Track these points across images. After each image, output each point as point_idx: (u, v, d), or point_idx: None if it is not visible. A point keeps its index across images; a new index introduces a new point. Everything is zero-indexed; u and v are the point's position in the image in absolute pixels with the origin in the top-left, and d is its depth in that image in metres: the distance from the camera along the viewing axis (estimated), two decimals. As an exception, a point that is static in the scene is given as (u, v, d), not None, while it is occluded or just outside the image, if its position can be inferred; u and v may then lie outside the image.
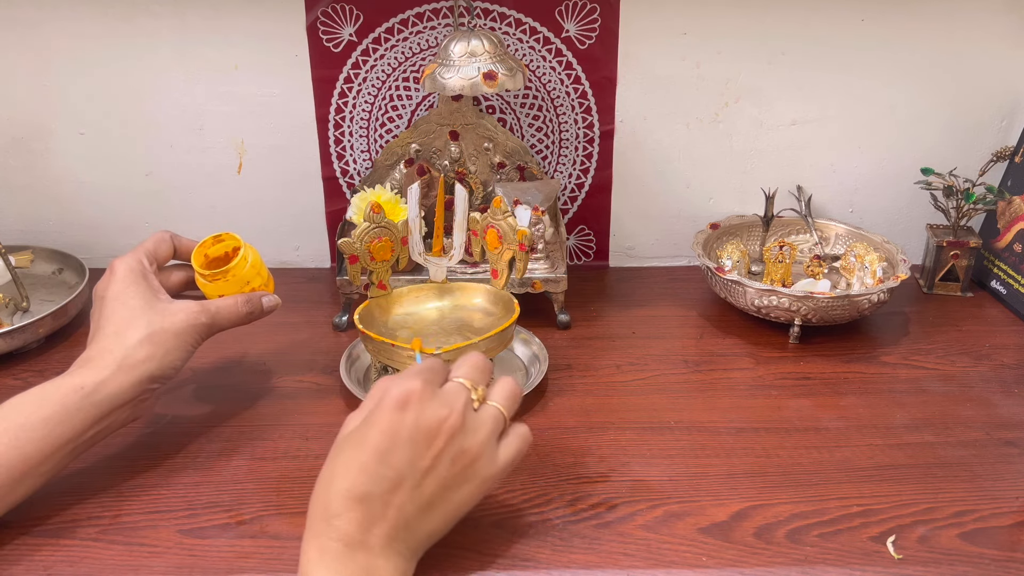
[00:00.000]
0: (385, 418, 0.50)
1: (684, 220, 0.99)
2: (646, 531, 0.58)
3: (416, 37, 0.90)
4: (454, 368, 0.56)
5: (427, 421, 0.51)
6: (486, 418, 0.53)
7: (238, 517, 0.59)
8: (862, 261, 0.88)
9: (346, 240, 0.71)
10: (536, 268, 0.85)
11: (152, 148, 0.95)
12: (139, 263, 0.65)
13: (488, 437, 0.53)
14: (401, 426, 0.50)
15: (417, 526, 0.51)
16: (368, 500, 0.49)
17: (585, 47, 0.91)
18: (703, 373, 0.78)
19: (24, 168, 0.96)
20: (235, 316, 0.67)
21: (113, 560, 0.55)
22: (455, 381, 0.54)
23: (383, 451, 0.50)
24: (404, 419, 0.50)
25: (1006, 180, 0.94)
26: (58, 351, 0.81)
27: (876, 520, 0.59)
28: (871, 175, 0.98)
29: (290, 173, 0.96)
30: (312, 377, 0.77)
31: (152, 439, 0.68)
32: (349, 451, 0.51)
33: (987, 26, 0.90)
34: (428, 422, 0.51)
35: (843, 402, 0.73)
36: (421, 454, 0.50)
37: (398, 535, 0.50)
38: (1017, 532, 0.58)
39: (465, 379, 0.54)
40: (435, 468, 0.51)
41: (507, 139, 0.89)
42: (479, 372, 0.55)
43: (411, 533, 0.51)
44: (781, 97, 0.94)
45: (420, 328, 0.75)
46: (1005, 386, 0.75)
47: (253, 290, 0.69)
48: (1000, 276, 0.92)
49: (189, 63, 0.91)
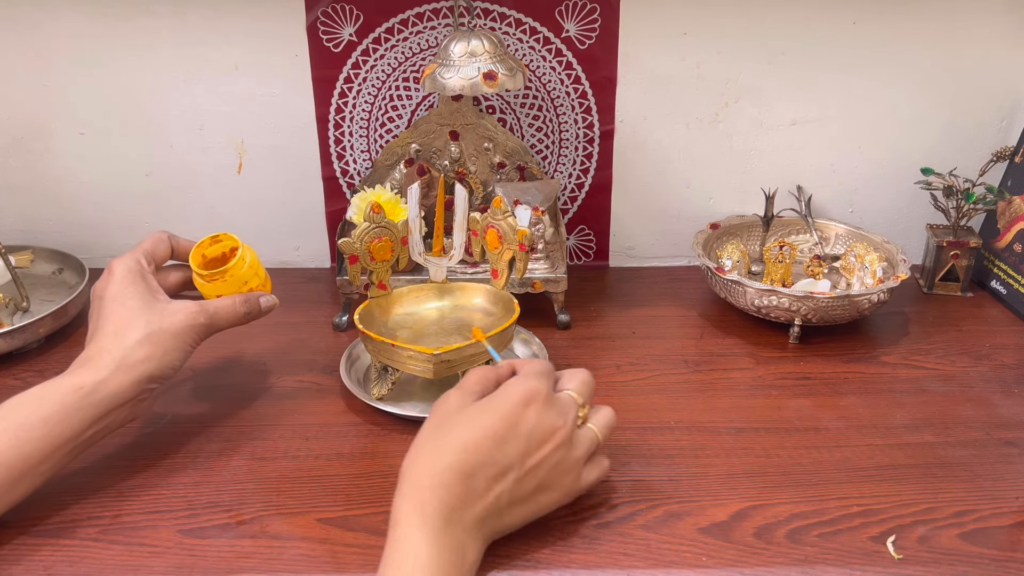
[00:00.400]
0: (508, 409, 0.53)
1: (684, 220, 0.99)
2: (646, 531, 0.58)
3: (416, 37, 0.90)
4: (565, 378, 0.59)
5: (545, 423, 0.54)
6: (586, 438, 0.57)
7: (238, 517, 0.59)
8: (862, 261, 0.88)
9: (346, 240, 0.71)
10: (536, 268, 0.85)
11: (152, 148, 0.95)
12: (137, 263, 0.65)
13: (584, 455, 0.57)
14: (522, 420, 0.53)
15: (504, 517, 0.54)
16: (473, 479, 0.51)
17: (585, 47, 0.91)
18: (703, 373, 0.78)
19: (24, 168, 0.96)
20: (233, 316, 0.67)
21: (113, 560, 0.55)
22: (567, 393, 0.57)
23: (500, 438, 0.52)
24: (527, 415, 0.54)
25: (1006, 180, 0.94)
26: (58, 351, 0.81)
27: (876, 520, 0.59)
28: (871, 175, 0.98)
29: (290, 173, 0.96)
30: (312, 377, 0.77)
31: (152, 439, 0.68)
32: (462, 429, 0.53)
33: (987, 26, 0.90)
34: (545, 425, 0.54)
35: (843, 402, 0.73)
36: (532, 452, 0.53)
37: (487, 520, 0.52)
38: (1017, 532, 0.58)
39: (576, 394, 0.57)
40: (538, 469, 0.54)
41: (507, 139, 0.89)
42: (587, 389, 0.59)
43: (498, 521, 0.53)
44: (781, 97, 0.94)
45: (420, 328, 0.75)
46: (1005, 386, 0.75)
47: (251, 290, 0.69)
48: (1000, 276, 0.92)
49: (189, 63, 0.91)
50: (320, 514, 0.59)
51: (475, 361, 0.69)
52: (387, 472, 0.64)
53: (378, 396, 0.71)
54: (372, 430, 0.69)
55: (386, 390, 0.71)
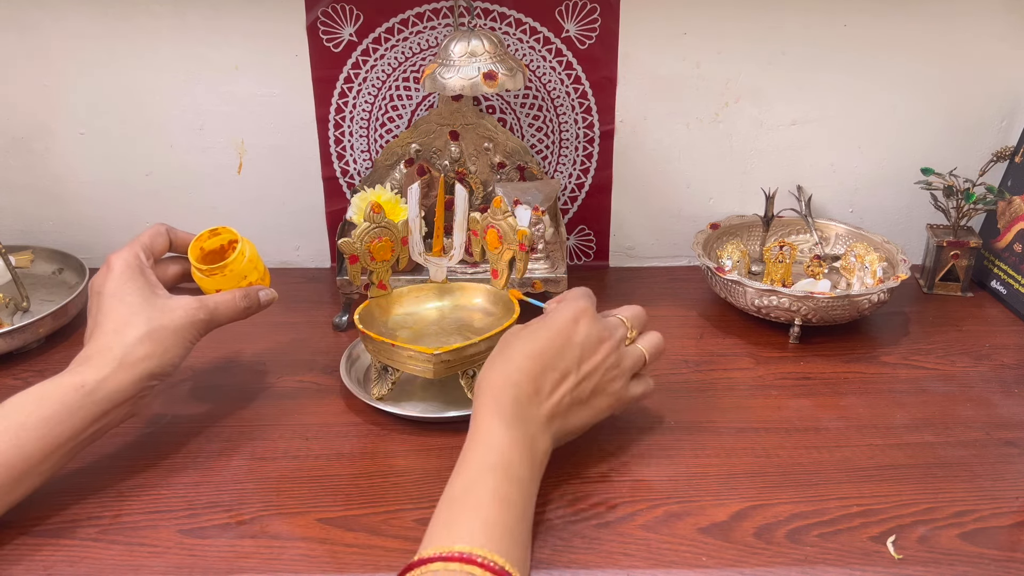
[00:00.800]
0: (560, 324, 0.61)
1: (684, 220, 0.99)
2: (646, 531, 0.58)
3: (416, 37, 0.90)
4: (620, 309, 0.67)
5: (594, 334, 0.61)
6: (632, 354, 0.64)
7: (238, 517, 0.59)
8: (862, 261, 0.88)
9: (346, 240, 0.71)
10: (536, 268, 0.85)
11: (152, 148, 0.95)
12: (136, 258, 0.64)
13: (631, 367, 0.64)
14: (575, 332, 0.61)
15: (567, 417, 0.60)
16: (542, 379, 0.59)
17: (585, 47, 0.91)
18: (703, 373, 0.78)
19: (24, 168, 0.96)
20: (233, 311, 0.67)
21: (113, 560, 0.55)
22: (616, 316, 0.65)
23: (558, 347, 0.60)
24: (577, 328, 0.61)
25: (1006, 180, 0.94)
26: (58, 351, 0.81)
27: (876, 520, 0.59)
28: (871, 175, 0.98)
29: (290, 173, 0.96)
30: (312, 377, 0.77)
31: (152, 439, 0.68)
32: (526, 341, 0.60)
33: (987, 26, 0.90)
34: (594, 335, 0.61)
35: (843, 402, 0.73)
36: (586, 358, 0.61)
37: (555, 419, 0.59)
38: (1017, 532, 0.58)
39: (625, 318, 0.65)
40: (593, 374, 0.61)
41: (507, 139, 0.89)
42: (637, 318, 0.66)
43: (564, 421, 0.60)
44: (781, 97, 0.94)
45: (420, 328, 0.75)
46: (1005, 386, 0.75)
47: (250, 284, 0.69)
48: (1000, 276, 0.92)
49: (189, 63, 0.91)
50: (320, 514, 0.59)
51: (475, 361, 0.69)
52: (387, 472, 0.64)
53: (378, 396, 0.71)
54: (372, 430, 0.69)
55: (386, 390, 0.71)
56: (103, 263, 0.65)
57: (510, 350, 0.60)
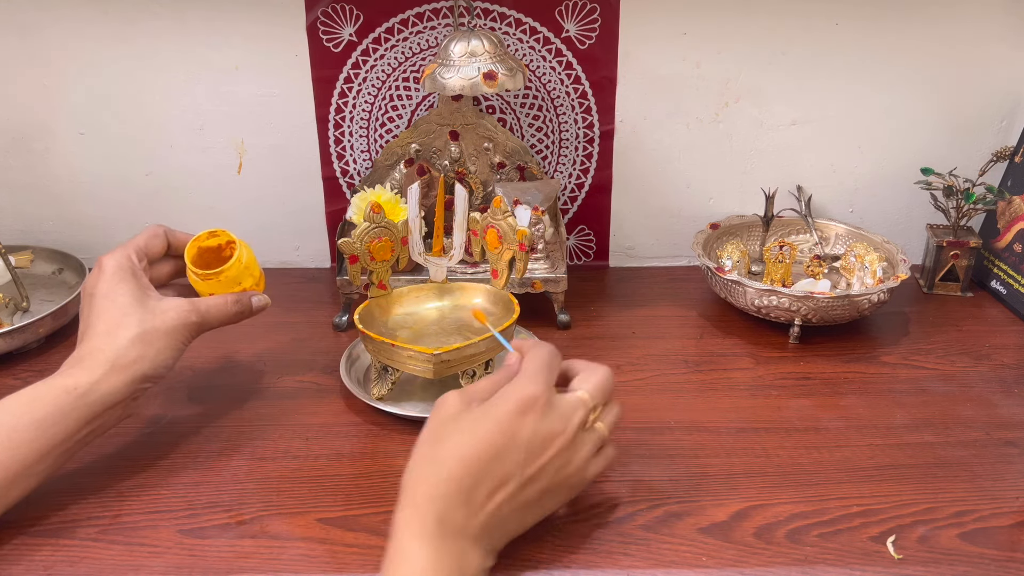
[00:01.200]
0: (506, 418, 0.52)
1: (684, 220, 0.99)
2: (646, 531, 0.58)
3: (416, 37, 0.90)
4: (581, 376, 0.57)
5: (543, 431, 0.53)
6: (591, 439, 0.56)
7: (238, 517, 0.59)
8: (862, 261, 0.88)
9: (346, 240, 0.71)
10: (536, 268, 0.85)
11: (152, 148, 0.95)
12: (128, 260, 0.64)
13: (588, 455, 0.56)
14: (520, 429, 0.52)
15: (507, 524, 0.53)
16: (474, 491, 0.50)
17: (585, 47, 0.91)
18: (703, 373, 0.78)
19: (24, 168, 0.96)
20: (224, 315, 0.67)
21: (113, 560, 0.55)
22: (577, 395, 0.56)
23: (499, 448, 0.51)
24: (524, 423, 0.52)
25: (1006, 180, 0.94)
26: (58, 351, 0.81)
27: (876, 520, 0.59)
28: (871, 175, 0.98)
29: (290, 173, 0.96)
30: (312, 377, 0.77)
31: (152, 439, 0.68)
32: (461, 438, 0.52)
33: (987, 27, 0.90)
34: (544, 433, 0.53)
35: (843, 402, 0.73)
36: (533, 460, 0.52)
37: (490, 531, 0.52)
38: (1017, 532, 0.58)
39: (588, 396, 0.56)
40: (540, 476, 0.53)
41: (507, 139, 0.89)
42: (602, 391, 0.57)
43: (501, 530, 0.53)
44: (781, 97, 0.94)
45: (420, 328, 0.75)
46: (1005, 386, 0.75)
47: (244, 290, 0.69)
48: (1000, 276, 0.92)
49: (189, 63, 0.91)
50: (320, 514, 0.59)
51: (475, 361, 0.69)
52: (387, 472, 0.64)
53: (378, 396, 0.71)
54: (372, 430, 0.69)
55: (386, 390, 0.71)
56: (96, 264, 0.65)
57: (442, 448, 0.52)
